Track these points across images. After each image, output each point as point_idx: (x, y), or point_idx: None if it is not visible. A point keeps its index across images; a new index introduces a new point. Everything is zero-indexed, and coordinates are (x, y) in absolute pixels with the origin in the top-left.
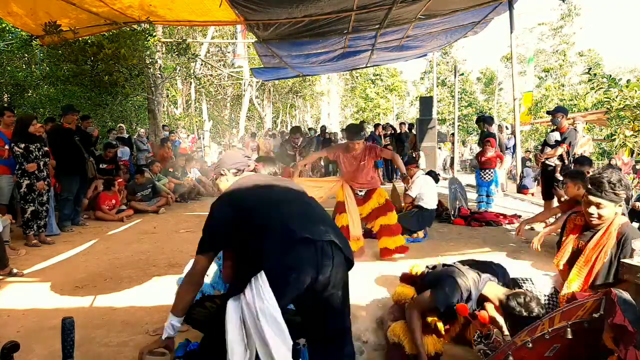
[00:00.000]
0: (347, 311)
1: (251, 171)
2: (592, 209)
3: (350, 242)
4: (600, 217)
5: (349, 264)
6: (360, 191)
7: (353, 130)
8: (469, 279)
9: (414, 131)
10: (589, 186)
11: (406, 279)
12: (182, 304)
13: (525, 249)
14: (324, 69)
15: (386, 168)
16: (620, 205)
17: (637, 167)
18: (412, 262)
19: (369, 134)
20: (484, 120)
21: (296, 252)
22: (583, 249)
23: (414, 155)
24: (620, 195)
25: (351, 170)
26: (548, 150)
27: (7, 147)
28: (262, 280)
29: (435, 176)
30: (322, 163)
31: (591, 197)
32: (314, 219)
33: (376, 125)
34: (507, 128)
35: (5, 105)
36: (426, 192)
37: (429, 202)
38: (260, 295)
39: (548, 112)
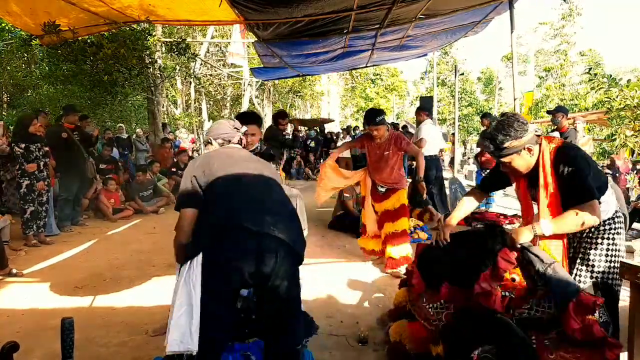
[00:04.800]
0: (294, 303)
1: (237, 143)
2: (506, 168)
3: (368, 241)
4: (515, 168)
5: (298, 258)
6: (382, 187)
7: (370, 114)
8: None
9: (412, 130)
10: (487, 150)
11: (407, 282)
12: (179, 252)
13: None
14: (324, 69)
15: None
16: (529, 141)
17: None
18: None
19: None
20: (487, 118)
21: (235, 241)
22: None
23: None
24: (516, 136)
25: (374, 160)
26: None
27: None
28: (196, 264)
29: None
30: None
31: (498, 162)
32: (265, 209)
33: None
34: None
35: (5, 104)
36: (430, 140)
37: (430, 149)
38: (190, 276)
39: (548, 112)
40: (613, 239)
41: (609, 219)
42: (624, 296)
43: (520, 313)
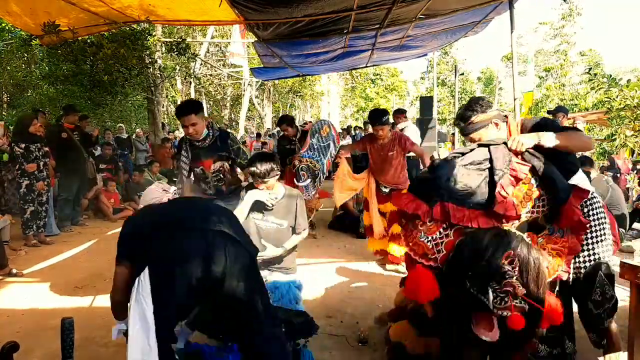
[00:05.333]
0: (255, 301)
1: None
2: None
3: (374, 242)
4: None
5: (251, 255)
6: (385, 188)
7: (374, 114)
8: None
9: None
10: (459, 130)
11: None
12: (117, 309)
13: None
14: (324, 69)
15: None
16: (495, 117)
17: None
18: None
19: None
20: None
21: (180, 242)
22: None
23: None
24: (481, 110)
25: (379, 161)
26: None
27: None
28: (144, 277)
29: None
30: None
31: (467, 138)
32: (206, 209)
33: None
34: None
35: (5, 104)
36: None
37: None
38: (140, 292)
39: (549, 112)
40: (598, 217)
41: (586, 201)
42: (624, 296)
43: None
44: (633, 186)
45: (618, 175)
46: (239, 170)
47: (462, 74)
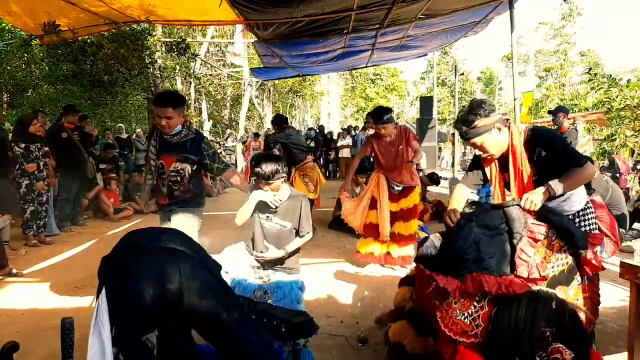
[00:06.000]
0: (220, 315)
1: None
2: (478, 151)
3: (377, 244)
4: (488, 151)
5: (211, 270)
6: (398, 186)
7: (375, 112)
8: None
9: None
10: (460, 134)
11: (406, 282)
12: None
13: None
14: (324, 69)
15: None
16: (498, 121)
17: (638, 167)
18: (414, 264)
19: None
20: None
21: (129, 260)
22: (508, 178)
23: None
24: (485, 115)
25: (390, 159)
26: None
27: None
28: (101, 299)
29: (437, 179)
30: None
31: (468, 143)
32: (158, 232)
33: None
34: None
35: (5, 104)
36: None
37: None
38: (98, 314)
39: (549, 112)
40: (592, 223)
41: (582, 210)
42: (624, 296)
43: (547, 275)
44: (633, 186)
45: (618, 175)
46: (207, 179)
47: (462, 74)
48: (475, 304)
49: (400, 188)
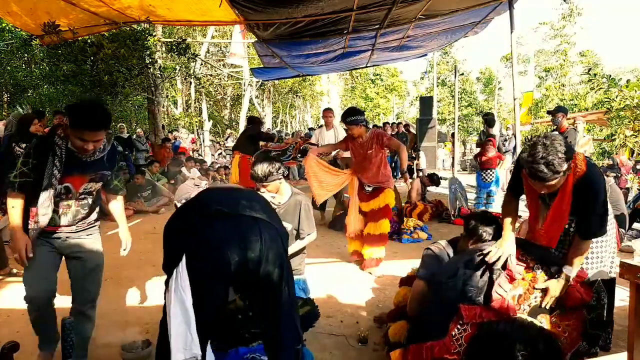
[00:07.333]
0: (282, 289)
1: None
2: (544, 190)
3: (353, 243)
4: (552, 187)
5: (283, 240)
6: (369, 187)
7: (344, 113)
8: None
9: (413, 130)
10: (532, 179)
11: (406, 282)
12: None
13: None
14: (324, 69)
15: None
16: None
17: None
18: (413, 264)
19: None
20: (487, 121)
21: (214, 229)
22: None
23: (413, 155)
24: (569, 157)
25: (359, 160)
26: None
27: None
28: (181, 268)
29: (437, 180)
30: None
31: (539, 185)
32: (236, 196)
33: (384, 124)
34: (507, 129)
35: (5, 104)
36: None
37: None
38: (179, 283)
39: (549, 112)
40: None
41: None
42: (624, 296)
43: (529, 304)
44: (633, 186)
45: (618, 175)
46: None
47: (462, 74)
48: (458, 326)
49: (371, 188)
